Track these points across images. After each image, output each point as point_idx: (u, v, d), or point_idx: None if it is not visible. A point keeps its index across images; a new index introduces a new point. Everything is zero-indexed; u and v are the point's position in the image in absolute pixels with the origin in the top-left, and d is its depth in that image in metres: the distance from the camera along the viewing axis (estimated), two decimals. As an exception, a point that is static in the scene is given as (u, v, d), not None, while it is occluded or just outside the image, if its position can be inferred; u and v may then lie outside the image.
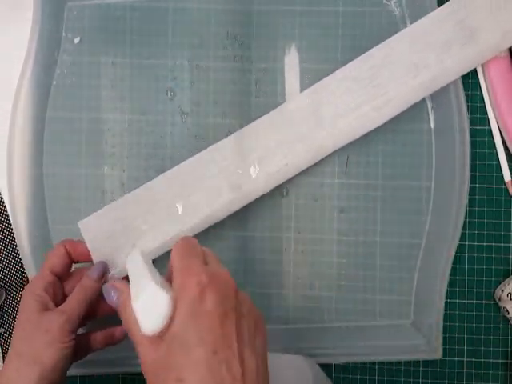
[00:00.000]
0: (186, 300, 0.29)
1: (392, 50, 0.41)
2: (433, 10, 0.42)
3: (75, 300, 0.37)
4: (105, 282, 0.39)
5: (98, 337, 0.39)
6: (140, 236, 0.41)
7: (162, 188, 0.42)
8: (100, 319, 0.41)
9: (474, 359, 0.44)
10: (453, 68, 0.41)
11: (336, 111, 0.41)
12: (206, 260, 0.31)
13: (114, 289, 0.33)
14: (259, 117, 0.43)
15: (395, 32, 0.44)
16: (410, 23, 0.44)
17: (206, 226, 0.42)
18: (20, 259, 0.45)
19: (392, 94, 0.41)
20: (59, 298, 0.38)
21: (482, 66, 0.44)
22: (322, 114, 0.41)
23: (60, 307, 0.37)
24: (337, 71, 0.42)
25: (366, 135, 0.44)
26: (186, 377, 0.27)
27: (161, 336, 0.29)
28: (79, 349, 0.38)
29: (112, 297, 0.33)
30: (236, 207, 0.42)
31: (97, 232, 0.41)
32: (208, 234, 0.45)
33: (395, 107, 0.41)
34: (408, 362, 0.44)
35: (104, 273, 0.40)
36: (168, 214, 0.41)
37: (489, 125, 0.45)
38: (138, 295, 0.30)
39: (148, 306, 0.29)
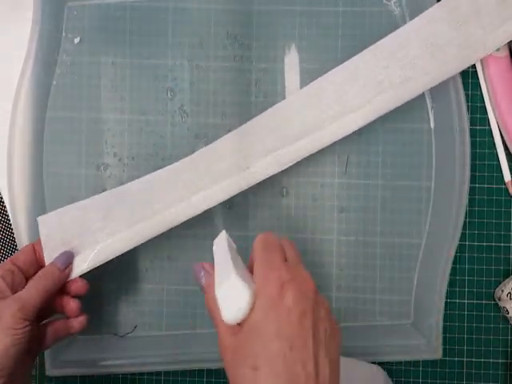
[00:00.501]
0: (267, 293, 0.29)
1: (357, 68, 0.41)
2: (433, 9, 0.42)
3: (33, 288, 0.37)
4: (68, 273, 0.39)
5: (57, 325, 0.39)
6: (96, 240, 0.40)
7: (132, 194, 0.41)
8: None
9: (473, 359, 0.44)
10: (417, 85, 0.40)
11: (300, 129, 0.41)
12: (286, 256, 0.32)
13: (202, 269, 0.34)
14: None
15: (395, 32, 0.44)
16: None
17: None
18: (20, 259, 0.45)
19: (356, 110, 0.40)
20: (20, 288, 0.37)
21: (482, 65, 0.44)
22: (287, 132, 0.41)
23: (16, 294, 0.36)
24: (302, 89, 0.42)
25: (366, 135, 0.44)
26: (261, 366, 0.28)
27: (240, 324, 0.30)
28: (41, 338, 0.38)
29: (199, 276, 0.34)
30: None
31: (52, 229, 0.41)
32: (208, 234, 0.45)
33: (357, 123, 0.41)
34: (408, 362, 0.44)
35: (69, 263, 0.39)
36: (130, 223, 0.40)
37: (489, 125, 0.45)
38: (221, 283, 0.31)
39: (229, 296, 0.30)
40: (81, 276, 0.40)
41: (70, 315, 0.39)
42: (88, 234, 0.40)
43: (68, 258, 0.39)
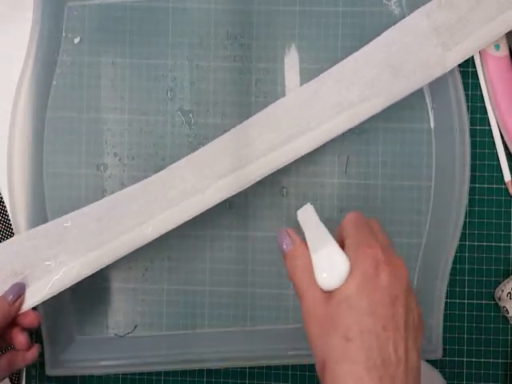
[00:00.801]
0: (362, 269, 0.29)
1: (319, 89, 0.41)
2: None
3: None
4: (19, 305, 0.38)
5: (11, 356, 0.39)
6: (49, 270, 0.39)
7: (86, 221, 0.41)
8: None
9: (474, 359, 0.44)
10: (377, 104, 0.40)
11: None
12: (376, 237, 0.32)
13: (287, 235, 0.34)
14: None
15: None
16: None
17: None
18: (20, 259, 0.45)
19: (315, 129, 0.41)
20: None
21: (482, 65, 0.44)
22: (246, 152, 0.41)
23: None
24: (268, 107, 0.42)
25: (366, 135, 0.44)
26: (353, 338, 0.28)
27: (331, 293, 0.29)
28: None
29: (283, 242, 0.33)
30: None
31: (2, 261, 0.40)
32: (208, 235, 0.45)
33: (315, 141, 0.41)
34: (408, 362, 0.44)
35: (20, 294, 0.38)
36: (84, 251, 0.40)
37: (489, 125, 0.45)
38: (317, 248, 0.31)
39: (328, 262, 0.30)
40: (34, 308, 0.39)
41: (20, 348, 0.38)
42: (40, 263, 0.40)
43: (19, 290, 0.38)
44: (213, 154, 0.41)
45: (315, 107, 0.41)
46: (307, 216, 0.35)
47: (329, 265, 0.30)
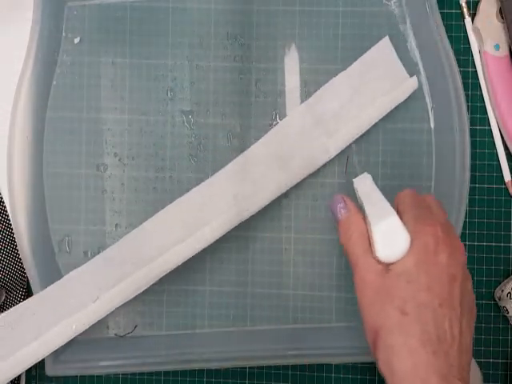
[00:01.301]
0: (421, 244, 0.29)
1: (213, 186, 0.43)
2: (432, 10, 0.42)
3: None
4: None
5: None
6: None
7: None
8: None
9: (473, 359, 0.44)
10: (265, 196, 0.42)
11: None
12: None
13: (343, 203, 0.34)
14: (259, 117, 0.44)
15: (395, 32, 0.44)
16: (410, 23, 0.44)
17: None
18: (20, 259, 0.45)
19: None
20: None
21: (482, 65, 0.44)
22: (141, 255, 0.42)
23: None
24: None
25: (366, 135, 0.44)
26: (410, 312, 0.28)
27: (387, 264, 0.30)
28: None
29: (338, 209, 0.34)
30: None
31: None
32: (208, 234, 0.45)
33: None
34: (408, 362, 0.44)
35: None
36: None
37: (489, 125, 0.45)
38: (378, 219, 0.31)
39: (389, 234, 0.30)
40: None
41: None
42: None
43: None
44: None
45: (210, 203, 0.42)
46: (367, 186, 0.35)
47: (390, 237, 0.30)
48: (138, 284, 0.41)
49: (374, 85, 0.42)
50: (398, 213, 0.32)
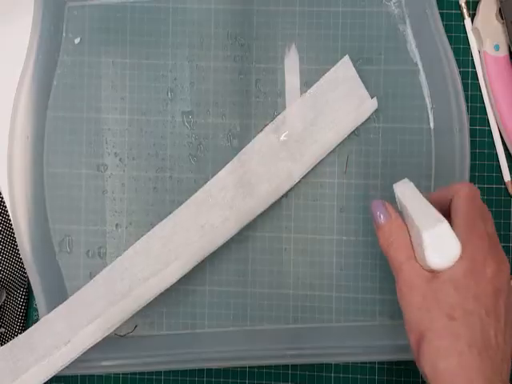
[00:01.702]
0: (471, 256, 0.30)
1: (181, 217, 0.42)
2: (432, 10, 0.42)
3: None
4: None
5: None
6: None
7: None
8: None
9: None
10: (236, 223, 0.42)
11: None
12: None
13: (383, 207, 0.34)
14: (259, 117, 0.44)
15: (395, 32, 0.44)
16: (410, 23, 0.44)
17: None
18: (20, 259, 0.45)
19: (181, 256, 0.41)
20: None
21: (482, 65, 0.44)
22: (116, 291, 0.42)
23: None
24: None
25: (366, 135, 0.44)
26: (458, 318, 0.29)
27: (435, 272, 0.30)
28: None
29: (378, 215, 0.34)
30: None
31: None
32: (208, 234, 0.45)
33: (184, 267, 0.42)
34: (408, 362, 0.44)
35: None
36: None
37: (489, 125, 0.45)
38: (427, 226, 0.31)
39: (439, 241, 0.30)
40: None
41: None
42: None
43: None
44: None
45: (180, 233, 0.42)
46: (409, 192, 0.35)
47: (441, 245, 0.30)
48: (111, 322, 0.41)
49: (337, 105, 0.43)
50: (449, 213, 0.32)
